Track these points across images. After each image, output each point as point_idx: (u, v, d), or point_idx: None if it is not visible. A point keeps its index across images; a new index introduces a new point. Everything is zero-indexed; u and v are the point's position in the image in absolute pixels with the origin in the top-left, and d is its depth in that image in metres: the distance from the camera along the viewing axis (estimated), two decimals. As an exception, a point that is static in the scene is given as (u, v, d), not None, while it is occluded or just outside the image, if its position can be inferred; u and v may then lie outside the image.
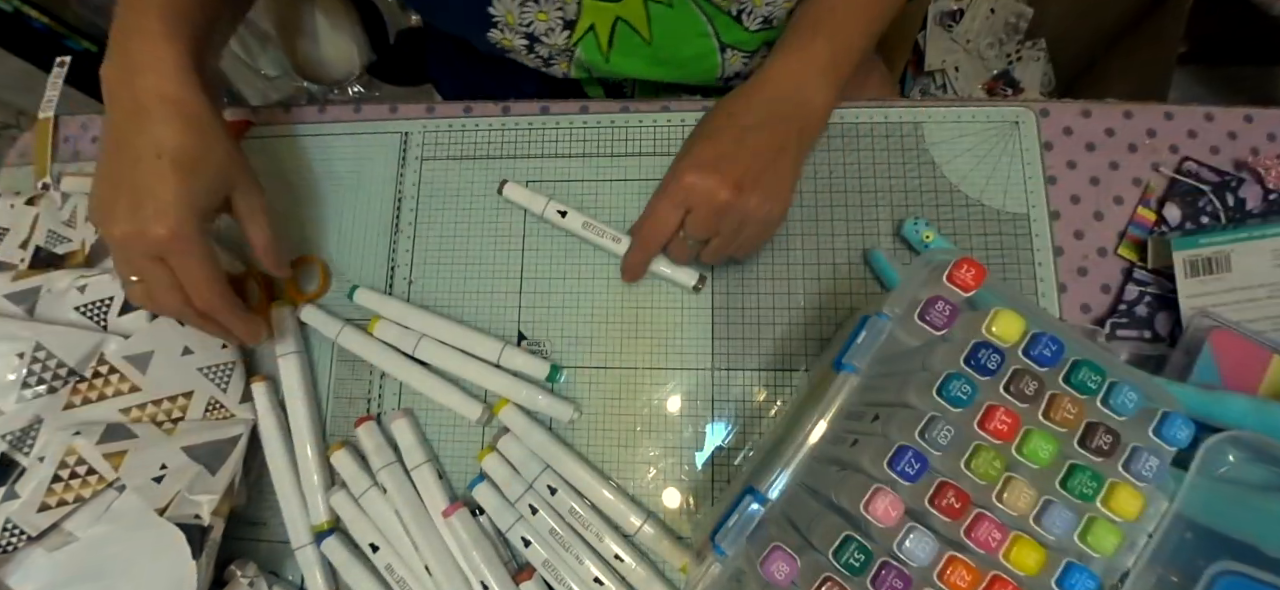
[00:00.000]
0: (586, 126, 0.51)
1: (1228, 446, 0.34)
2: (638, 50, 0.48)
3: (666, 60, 0.49)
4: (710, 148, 0.42)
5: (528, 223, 0.49)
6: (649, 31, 0.47)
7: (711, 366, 0.46)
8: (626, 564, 0.42)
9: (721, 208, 0.40)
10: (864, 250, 0.46)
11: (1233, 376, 0.38)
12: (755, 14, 0.46)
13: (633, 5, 0.45)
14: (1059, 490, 0.29)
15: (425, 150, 0.52)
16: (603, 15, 0.45)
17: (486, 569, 0.42)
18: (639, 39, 0.47)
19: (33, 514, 0.39)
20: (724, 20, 0.47)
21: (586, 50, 0.47)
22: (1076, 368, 0.30)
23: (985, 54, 1.13)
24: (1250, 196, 0.44)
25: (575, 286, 0.48)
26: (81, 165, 0.54)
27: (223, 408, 0.45)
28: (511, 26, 0.45)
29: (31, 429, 0.41)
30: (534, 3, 0.44)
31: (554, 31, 0.45)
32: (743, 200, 0.40)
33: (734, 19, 0.47)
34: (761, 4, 0.46)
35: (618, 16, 0.45)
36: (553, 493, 0.43)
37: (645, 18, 0.46)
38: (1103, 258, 0.45)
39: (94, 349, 0.43)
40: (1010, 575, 0.28)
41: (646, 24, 0.46)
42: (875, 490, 0.28)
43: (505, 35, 0.46)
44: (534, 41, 0.46)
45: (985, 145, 0.48)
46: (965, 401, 0.29)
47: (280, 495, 0.45)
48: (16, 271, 0.46)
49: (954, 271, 0.32)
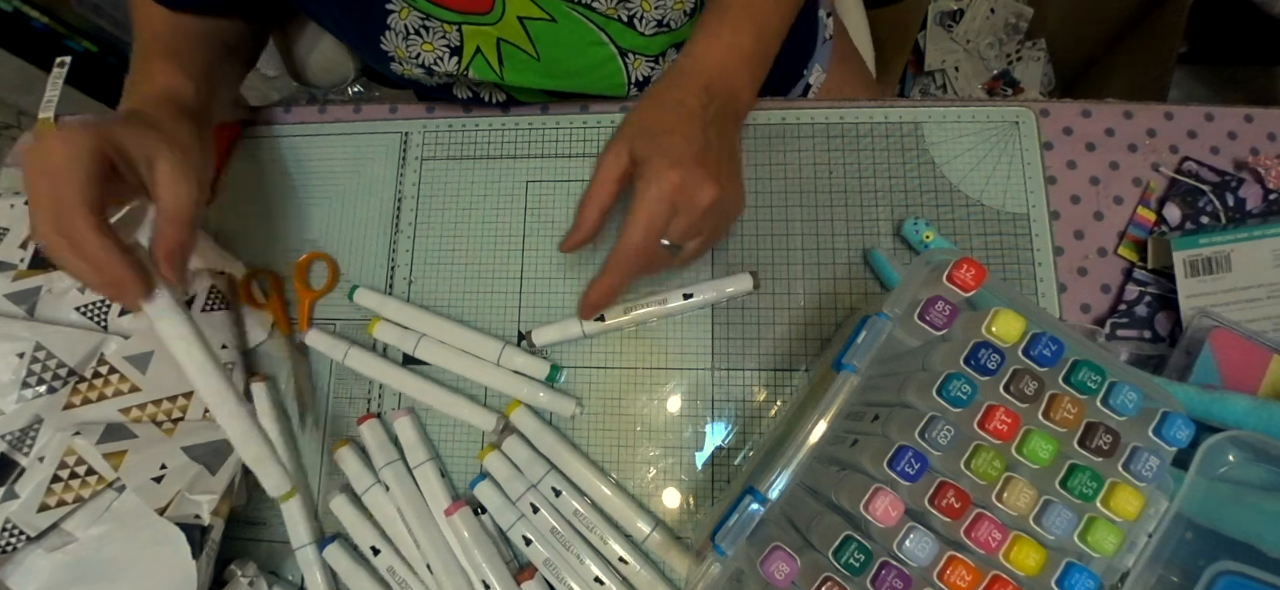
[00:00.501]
0: (586, 126, 0.51)
1: (1228, 446, 0.34)
2: (528, 66, 0.48)
3: (560, 73, 0.49)
4: (682, 142, 0.38)
5: (528, 223, 0.49)
6: (534, 48, 0.47)
7: (711, 366, 0.46)
8: (631, 567, 0.42)
9: (709, 206, 0.38)
10: (864, 250, 0.46)
11: (1233, 376, 0.38)
12: (647, 19, 0.47)
13: (509, 25, 0.45)
14: (1059, 490, 0.29)
15: (425, 150, 0.52)
16: (485, 37, 0.46)
17: (488, 567, 0.42)
18: (526, 56, 0.47)
19: (32, 514, 0.39)
20: (616, 27, 0.47)
21: (478, 70, 0.47)
22: (1076, 368, 0.30)
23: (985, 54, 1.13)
24: (1250, 196, 0.44)
25: (575, 286, 0.48)
26: (81, 165, 0.54)
27: (223, 408, 0.45)
28: (404, 59, 0.46)
29: (31, 429, 0.41)
30: (418, 36, 0.45)
31: (443, 59, 0.46)
32: (724, 195, 0.38)
33: (626, 25, 0.47)
34: (650, 7, 0.46)
35: (498, 37, 0.46)
36: (557, 494, 0.43)
37: (526, 35, 0.46)
38: (1103, 258, 0.45)
39: (94, 349, 0.43)
40: (1010, 575, 0.28)
41: (529, 41, 0.47)
42: (875, 490, 0.28)
43: (404, 67, 0.47)
44: (429, 70, 0.47)
45: (985, 145, 0.48)
46: (965, 401, 0.29)
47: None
48: (16, 271, 0.46)
49: (954, 271, 0.32)
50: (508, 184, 0.50)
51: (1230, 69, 1.08)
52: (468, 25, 0.45)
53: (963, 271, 0.32)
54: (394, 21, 0.45)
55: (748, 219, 0.48)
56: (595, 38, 0.47)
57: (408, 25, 0.45)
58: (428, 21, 0.45)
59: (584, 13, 0.46)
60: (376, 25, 0.45)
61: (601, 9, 0.46)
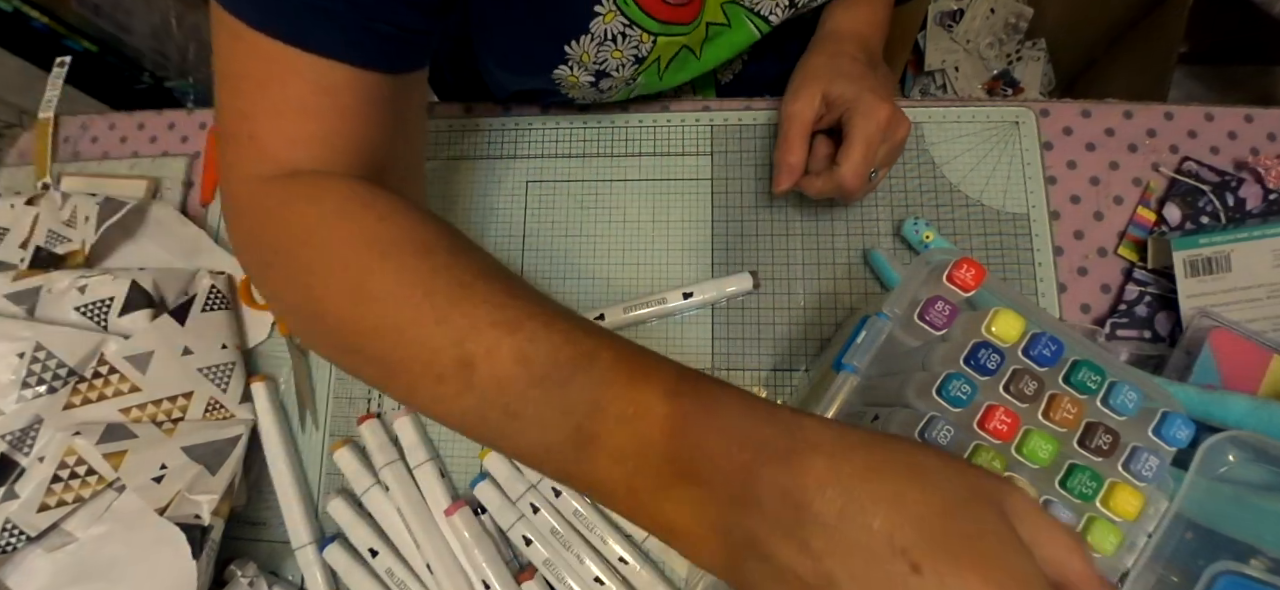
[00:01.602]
0: (586, 126, 0.51)
1: (1228, 446, 0.34)
2: (688, 66, 0.48)
3: (709, 69, 0.50)
4: (878, 84, 0.43)
5: (528, 223, 0.49)
6: (701, 50, 0.48)
7: (711, 367, 0.46)
8: (631, 567, 0.42)
9: (904, 137, 0.43)
10: (864, 250, 0.46)
11: (1233, 376, 0.38)
12: (783, 4, 0.47)
13: (699, 32, 0.45)
14: (1059, 490, 0.29)
15: (426, 150, 0.52)
16: (670, 46, 0.45)
17: (488, 567, 0.42)
18: (692, 57, 0.48)
19: (32, 514, 0.39)
20: (765, 25, 0.47)
21: (647, 78, 0.47)
22: (1076, 368, 0.30)
23: (985, 54, 1.13)
24: (1250, 196, 0.44)
25: (575, 286, 0.48)
26: (81, 165, 0.54)
27: (223, 408, 0.45)
28: (584, 64, 0.44)
29: (31, 429, 0.41)
30: (612, 42, 0.43)
31: (624, 67, 0.45)
32: (909, 128, 0.43)
33: (764, 18, 0.47)
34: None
35: (683, 44, 0.46)
36: (557, 494, 0.43)
37: (703, 38, 0.47)
38: (1103, 258, 0.45)
39: (94, 349, 0.43)
40: (1010, 575, 0.28)
41: (702, 44, 0.47)
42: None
43: (573, 72, 0.45)
44: (601, 77, 0.45)
45: (985, 145, 0.48)
46: (965, 401, 0.29)
47: (280, 495, 0.45)
48: (17, 271, 0.46)
49: (954, 271, 0.32)
50: (508, 184, 0.50)
51: (1230, 69, 1.08)
52: (664, 36, 0.44)
53: (963, 271, 0.32)
54: (596, 26, 0.42)
55: (748, 219, 0.48)
56: (753, 37, 0.48)
57: (608, 30, 0.42)
58: (629, 28, 0.42)
59: (751, 17, 0.46)
60: (576, 27, 0.42)
61: (764, 12, 0.46)
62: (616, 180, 0.50)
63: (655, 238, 0.48)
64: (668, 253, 0.48)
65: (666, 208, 0.49)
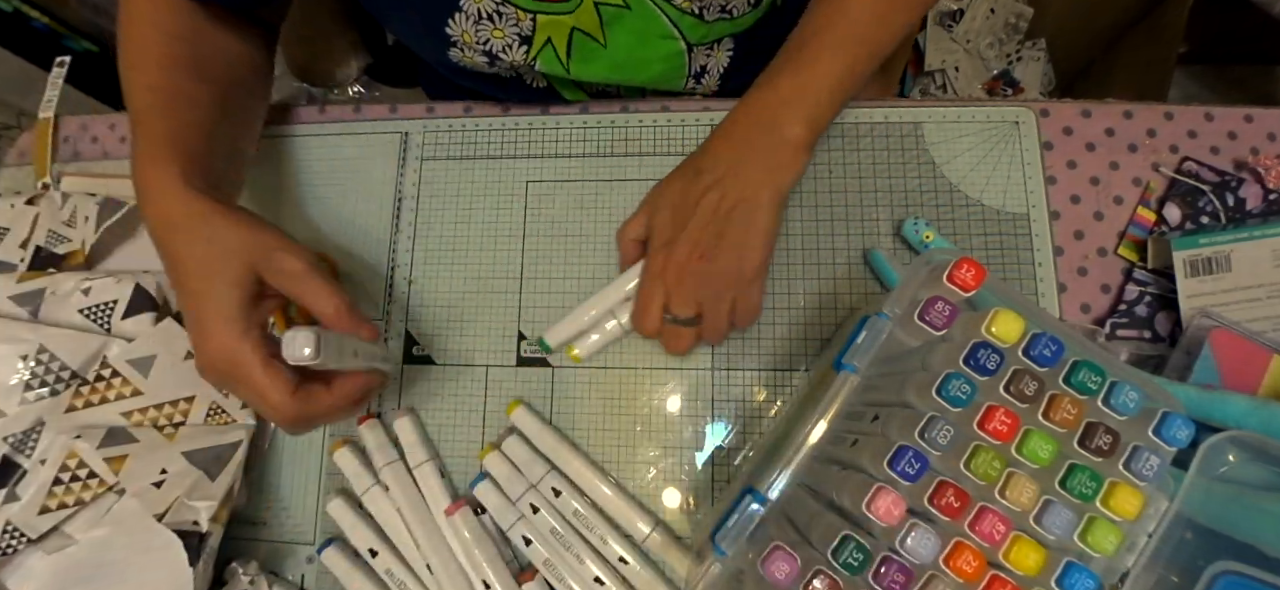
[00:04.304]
0: (586, 126, 0.51)
1: (1228, 446, 0.34)
2: (596, 55, 0.48)
3: (626, 63, 0.49)
4: (668, 217, 0.42)
5: (528, 223, 0.49)
6: (603, 36, 0.47)
7: (711, 366, 0.46)
8: (631, 567, 0.42)
9: (695, 279, 0.41)
10: (864, 250, 0.46)
11: (1233, 376, 0.38)
12: (712, 5, 0.46)
13: (586, 12, 0.45)
14: (1059, 490, 0.29)
15: (425, 150, 0.52)
16: (558, 27, 0.45)
17: (488, 567, 0.42)
18: (596, 44, 0.47)
19: (33, 516, 0.39)
20: (688, 21, 0.47)
21: (546, 62, 0.47)
22: (1076, 368, 0.30)
23: (985, 54, 1.13)
24: (1250, 196, 0.44)
25: (575, 287, 0.48)
26: (81, 165, 0.54)
27: (224, 413, 0.45)
28: (470, 45, 0.45)
29: (33, 431, 0.41)
30: (489, 22, 0.44)
31: (511, 48, 0.45)
32: (709, 266, 0.40)
33: (696, 18, 0.47)
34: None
35: (573, 26, 0.45)
36: (557, 494, 0.43)
37: (598, 22, 0.46)
38: (1103, 258, 0.45)
39: (97, 352, 0.43)
40: (1010, 575, 0.28)
41: (600, 28, 0.46)
42: (877, 489, 0.28)
43: (465, 54, 0.46)
44: (493, 59, 0.46)
45: (985, 145, 0.48)
46: (965, 401, 0.29)
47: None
48: (21, 273, 0.46)
49: (954, 271, 0.32)
50: (508, 184, 0.50)
51: (1230, 69, 1.08)
52: (542, 15, 0.44)
53: (963, 271, 0.32)
54: (466, 4, 0.43)
55: (748, 219, 0.48)
56: (666, 30, 0.47)
57: (480, 9, 0.44)
58: (502, 7, 0.43)
59: (660, 4, 0.46)
60: (447, 7, 0.44)
61: (676, 2, 0.46)
62: (616, 180, 0.50)
63: (655, 238, 0.48)
64: (668, 253, 0.48)
65: (667, 208, 0.49)
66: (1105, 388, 0.30)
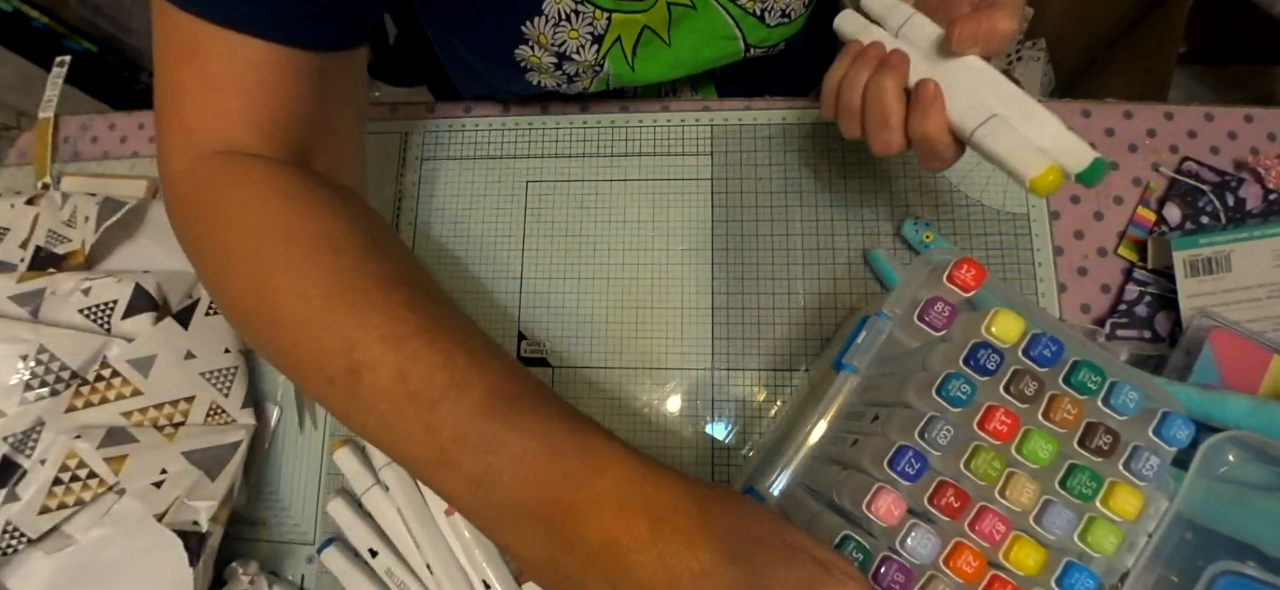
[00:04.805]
0: (586, 126, 0.51)
1: (1228, 446, 0.34)
2: (660, 54, 0.48)
3: (687, 63, 0.49)
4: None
5: (528, 223, 0.49)
6: (669, 35, 0.47)
7: (711, 366, 0.46)
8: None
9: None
10: (864, 250, 0.46)
11: (1233, 376, 0.38)
12: (773, 10, 0.46)
13: (658, 11, 0.45)
14: (1059, 490, 0.29)
15: (425, 150, 0.52)
16: (630, 26, 0.45)
17: (489, 567, 0.42)
18: (660, 43, 0.47)
19: (33, 516, 0.39)
20: (750, 22, 0.47)
21: (614, 63, 0.47)
22: (1076, 368, 0.30)
23: (985, 54, 1.12)
24: (1250, 196, 0.44)
25: (575, 287, 0.48)
26: (81, 165, 0.54)
27: (224, 413, 0.45)
28: (543, 45, 0.45)
29: (33, 431, 0.41)
30: (567, 22, 0.44)
31: (584, 47, 0.45)
32: None
33: (758, 19, 0.47)
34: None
35: (644, 25, 0.45)
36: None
37: (667, 21, 0.46)
38: (1103, 258, 0.45)
39: (97, 352, 0.43)
40: (1010, 575, 0.28)
41: (668, 28, 0.46)
42: (877, 488, 0.28)
43: (534, 53, 0.45)
44: (563, 60, 0.46)
45: (985, 145, 0.48)
46: (965, 401, 0.29)
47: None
48: (21, 273, 0.46)
49: (954, 271, 0.32)
50: (508, 184, 0.50)
51: (1230, 69, 1.08)
52: (619, 13, 0.44)
53: (963, 271, 0.32)
54: (548, 6, 0.43)
55: (748, 219, 0.48)
56: (727, 32, 0.47)
57: (560, 11, 0.43)
58: (580, 7, 0.43)
59: (724, 5, 0.46)
60: (530, 8, 0.43)
61: (741, 1, 0.46)
62: (616, 180, 0.50)
63: (655, 238, 0.48)
64: (668, 253, 0.48)
65: (666, 208, 0.49)
66: (1105, 388, 0.30)
